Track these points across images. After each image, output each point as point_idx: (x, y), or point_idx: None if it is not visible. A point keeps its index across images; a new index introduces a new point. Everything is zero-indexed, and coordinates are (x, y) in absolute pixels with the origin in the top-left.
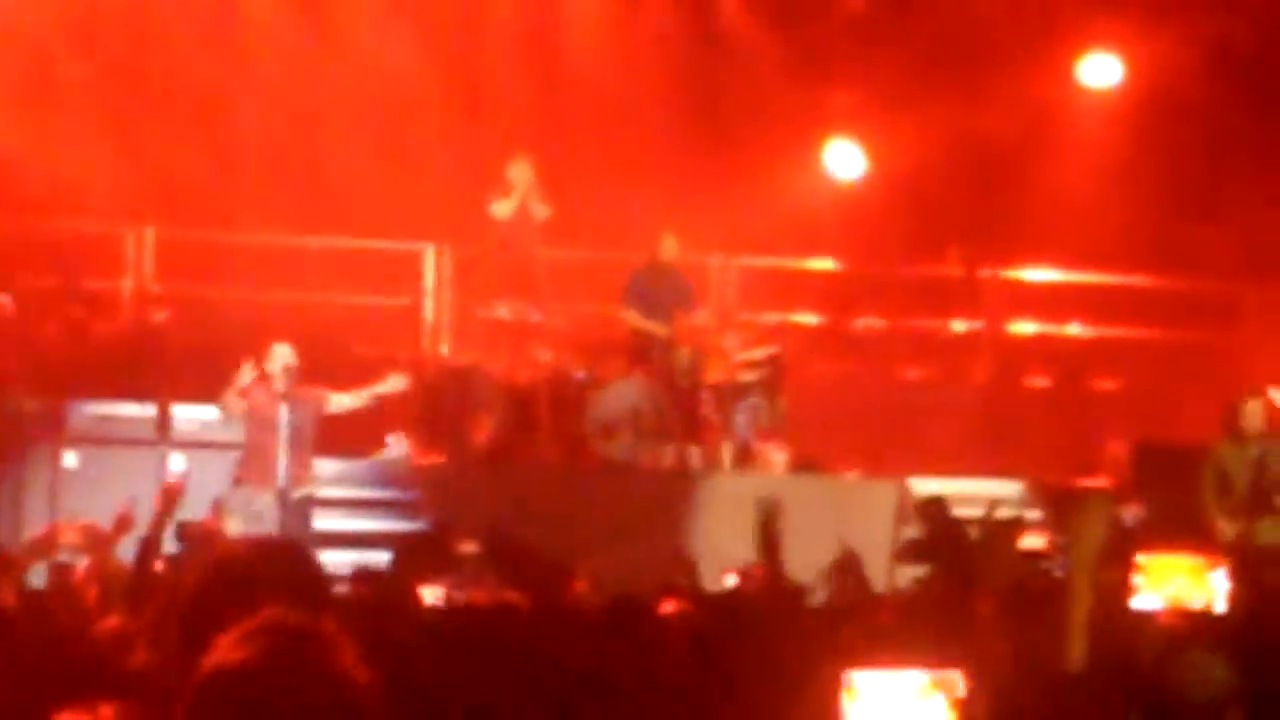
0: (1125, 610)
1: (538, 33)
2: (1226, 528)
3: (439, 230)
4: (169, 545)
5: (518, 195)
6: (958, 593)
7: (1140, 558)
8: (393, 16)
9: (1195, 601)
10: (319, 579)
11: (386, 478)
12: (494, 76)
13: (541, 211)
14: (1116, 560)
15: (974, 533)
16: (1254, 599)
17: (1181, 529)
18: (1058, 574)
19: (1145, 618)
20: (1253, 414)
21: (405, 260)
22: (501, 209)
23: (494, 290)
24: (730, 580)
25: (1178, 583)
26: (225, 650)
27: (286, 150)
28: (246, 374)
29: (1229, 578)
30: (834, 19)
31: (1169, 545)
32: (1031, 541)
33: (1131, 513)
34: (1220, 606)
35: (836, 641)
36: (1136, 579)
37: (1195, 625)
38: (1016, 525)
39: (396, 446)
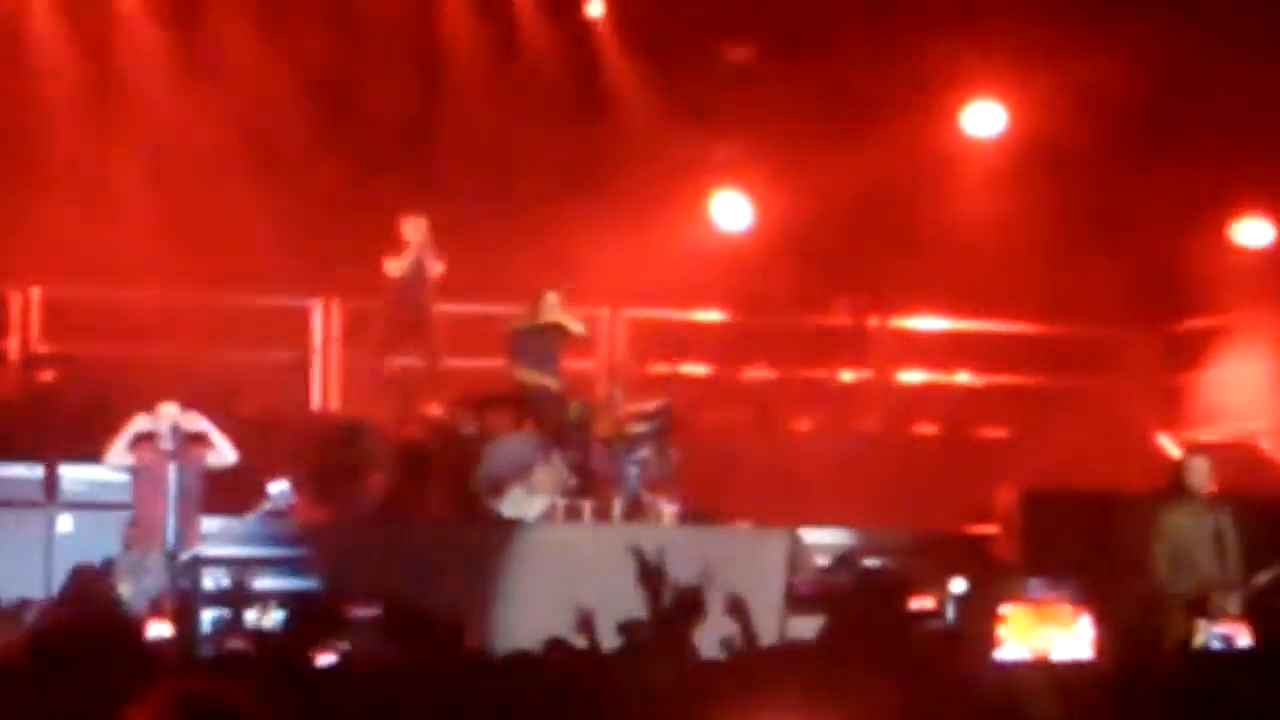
0: (991, 661)
1: (422, 86)
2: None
3: (327, 285)
4: None
5: (412, 252)
6: (845, 645)
7: (1005, 609)
8: (277, 71)
9: (1060, 652)
10: (138, 651)
11: (276, 535)
12: (380, 131)
13: (436, 268)
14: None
15: (865, 586)
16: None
17: (1068, 574)
18: (943, 628)
19: (1010, 669)
20: (1199, 472)
21: (294, 316)
22: (396, 266)
23: (388, 346)
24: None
25: (1043, 633)
26: None
27: (174, 206)
28: (137, 424)
29: (1094, 626)
30: (718, 69)
31: (1047, 596)
32: (921, 603)
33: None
34: (1085, 654)
35: (724, 691)
36: (1002, 630)
37: (1059, 676)
38: (906, 581)
39: (279, 496)
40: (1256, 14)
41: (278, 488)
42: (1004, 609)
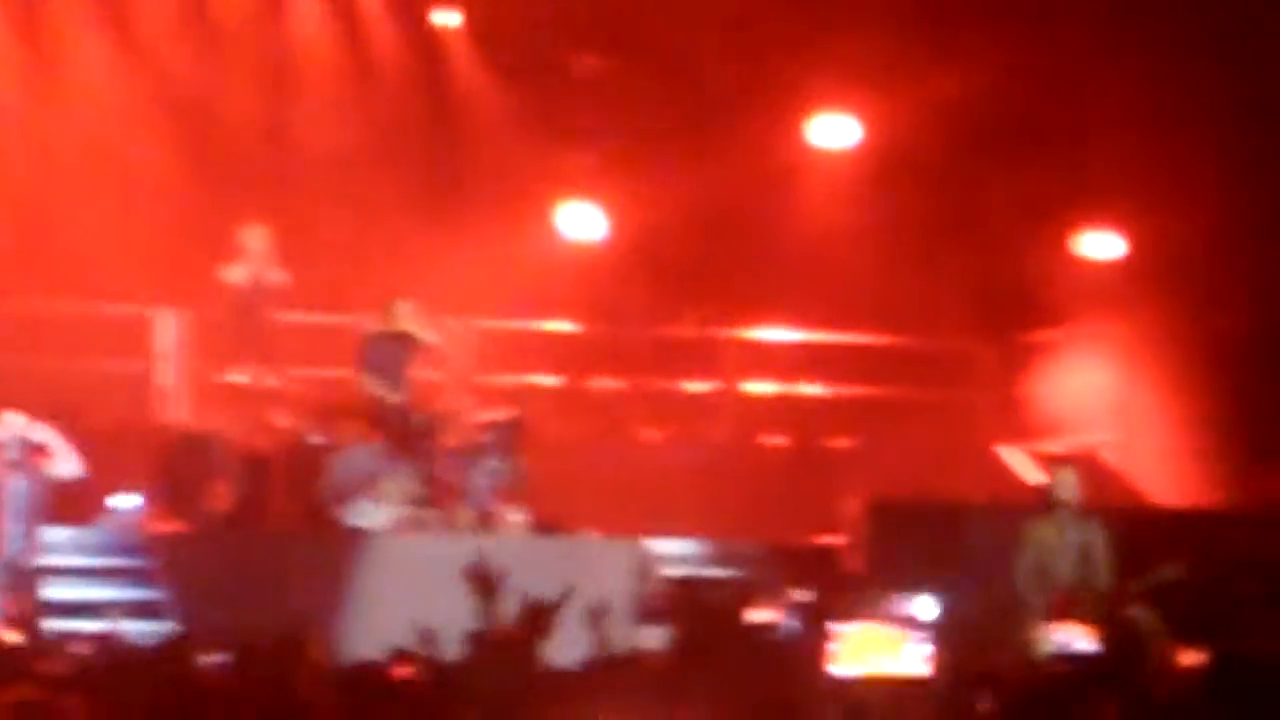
0: (827, 675)
1: (270, 95)
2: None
3: (174, 295)
4: None
5: (251, 261)
6: (687, 657)
7: (843, 621)
8: (124, 79)
9: (897, 666)
10: None
11: (122, 545)
12: (229, 141)
13: (277, 277)
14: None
15: (711, 598)
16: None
17: (912, 585)
18: (781, 640)
19: (846, 683)
20: (1066, 485)
21: (139, 325)
22: (233, 274)
23: (231, 356)
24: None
25: (880, 646)
26: None
27: (19, 215)
28: None
29: (932, 640)
30: (569, 80)
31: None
32: (761, 614)
33: None
34: (922, 669)
35: (569, 701)
36: (834, 646)
37: (895, 690)
38: (748, 593)
39: (126, 507)
40: (1104, 28)
41: (124, 498)
42: (841, 622)
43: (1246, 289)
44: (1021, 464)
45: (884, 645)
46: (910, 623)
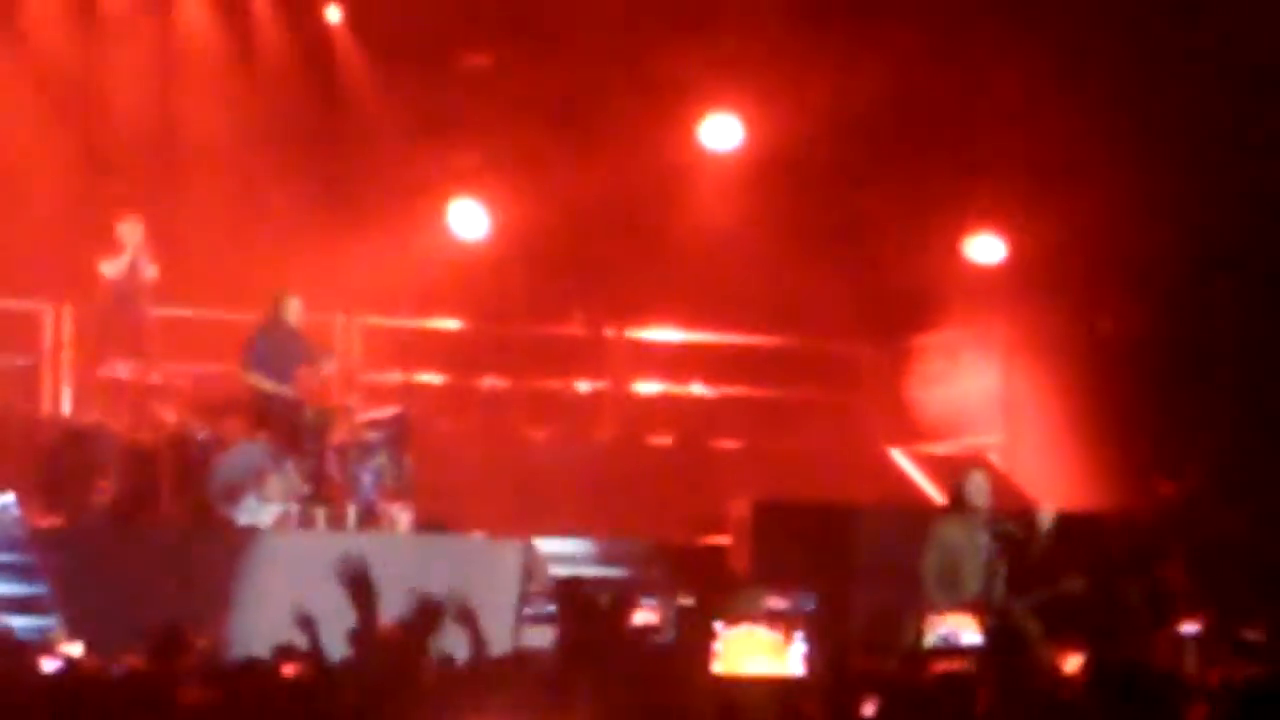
0: (708, 675)
1: (156, 90)
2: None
3: (58, 289)
4: None
5: (128, 254)
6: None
7: (724, 622)
8: (7, 71)
9: (777, 666)
10: None
11: (3, 540)
12: (113, 134)
13: (151, 271)
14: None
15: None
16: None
17: (796, 585)
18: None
19: (726, 683)
20: (977, 488)
21: (24, 319)
22: (111, 268)
23: (110, 350)
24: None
25: (760, 647)
26: None
27: None
28: None
29: (811, 640)
30: (456, 77)
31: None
32: (644, 616)
33: None
34: (800, 669)
35: (453, 699)
36: (719, 643)
37: (775, 690)
38: (634, 595)
39: (5, 502)
40: (988, 32)
41: (4, 494)
42: (722, 622)
43: (1130, 293)
44: (909, 466)
45: (765, 646)
46: (791, 623)
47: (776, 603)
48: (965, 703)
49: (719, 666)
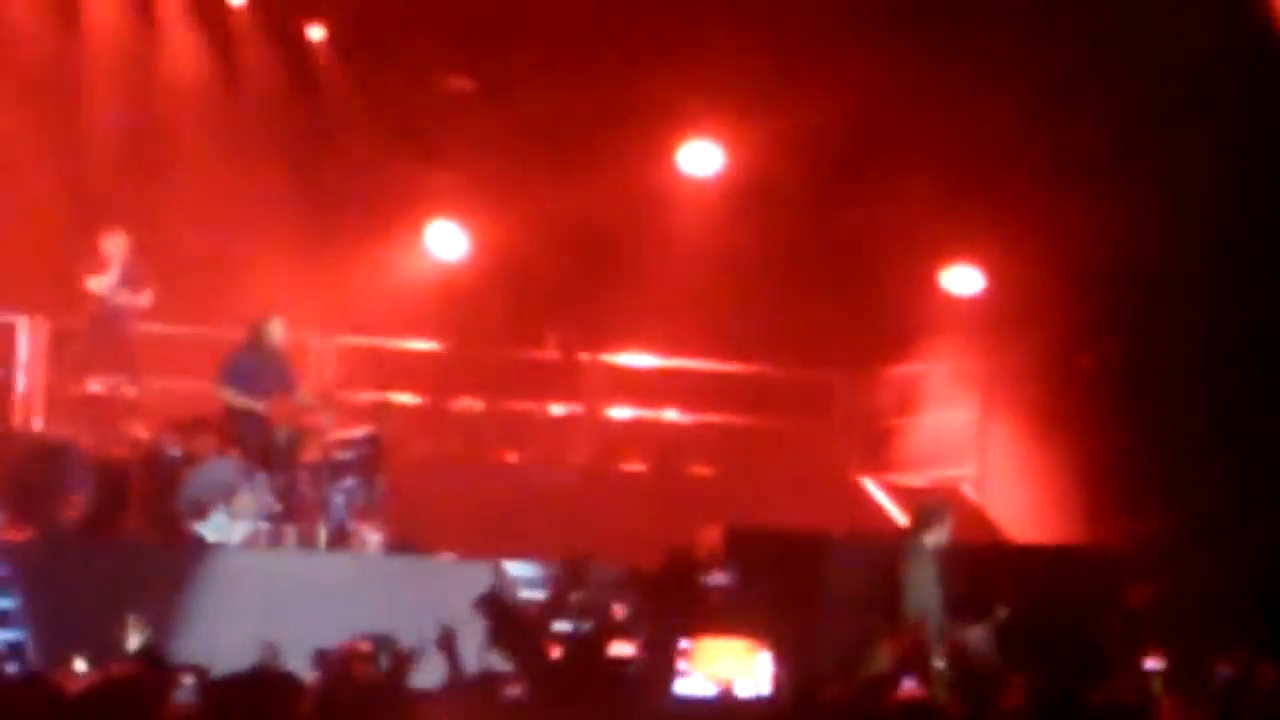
0: (671, 696)
1: (140, 108)
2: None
3: (32, 302)
4: None
5: (115, 269)
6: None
7: (687, 643)
8: None
9: (740, 688)
10: None
11: None
12: (94, 150)
13: (146, 296)
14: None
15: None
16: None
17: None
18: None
19: (689, 703)
20: (939, 536)
21: (3, 332)
22: (99, 283)
23: (89, 365)
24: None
25: (724, 669)
26: None
27: None
28: None
29: (775, 662)
30: (437, 100)
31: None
32: (620, 649)
33: None
34: (764, 690)
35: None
36: (683, 664)
37: (737, 711)
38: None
39: None
40: (969, 64)
41: None
42: (686, 644)
43: (1106, 328)
44: (881, 496)
45: (736, 651)
46: (758, 646)
47: (745, 627)
48: None
49: (684, 686)
